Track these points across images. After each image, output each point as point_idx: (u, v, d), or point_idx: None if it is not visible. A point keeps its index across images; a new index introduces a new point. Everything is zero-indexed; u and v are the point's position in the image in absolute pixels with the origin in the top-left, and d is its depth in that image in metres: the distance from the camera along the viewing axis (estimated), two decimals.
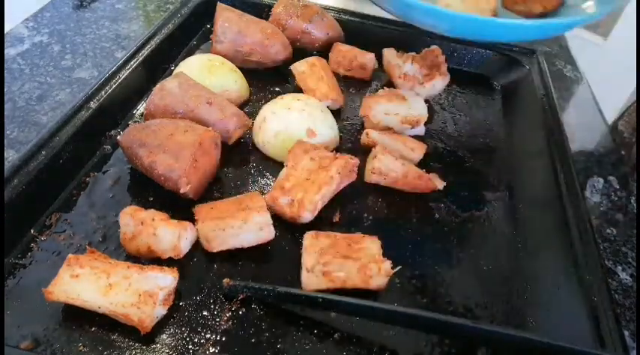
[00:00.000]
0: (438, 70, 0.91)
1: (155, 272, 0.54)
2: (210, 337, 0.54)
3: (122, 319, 0.52)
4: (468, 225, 0.71)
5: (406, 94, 0.85)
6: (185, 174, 0.63)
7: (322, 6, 1.01)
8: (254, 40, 0.89)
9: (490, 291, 0.64)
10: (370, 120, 0.83)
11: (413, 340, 0.57)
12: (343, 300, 0.54)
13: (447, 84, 0.93)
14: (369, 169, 0.74)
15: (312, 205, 0.65)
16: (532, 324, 0.61)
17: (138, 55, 0.83)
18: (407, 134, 0.84)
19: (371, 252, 0.61)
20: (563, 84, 1.08)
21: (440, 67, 0.91)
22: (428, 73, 0.91)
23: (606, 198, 0.82)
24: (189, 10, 0.98)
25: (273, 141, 0.76)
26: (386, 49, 0.96)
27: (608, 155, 0.92)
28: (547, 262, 0.66)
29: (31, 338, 0.51)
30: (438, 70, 0.91)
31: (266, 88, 0.92)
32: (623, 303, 0.66)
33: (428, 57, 0.92)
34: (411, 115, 0.82)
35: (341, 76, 0.97)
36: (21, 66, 0.88)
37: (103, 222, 0.64)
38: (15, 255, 0.58)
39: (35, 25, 0.99)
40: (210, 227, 0.60)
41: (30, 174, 0.61)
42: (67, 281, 0.52)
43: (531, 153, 0.81)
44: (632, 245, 0.74)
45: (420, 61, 0.92)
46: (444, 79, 0.92)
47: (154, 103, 0.72)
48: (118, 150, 0.73)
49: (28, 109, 0.79)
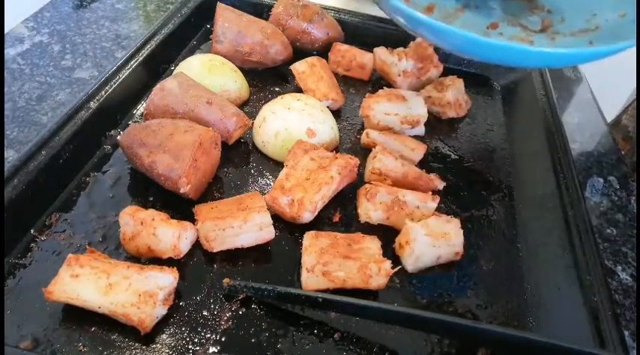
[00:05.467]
0: (431, 62, 0.92)
1: (155, 272, 0.54)
2: (210, 337, 0.54)
3: (122, 319, 0.52)
4: (467, 225, 0.71)
5: (406, 94, 0.85)
6: (185, 174, 0.63)
7: (322, 6, 1.01)
8: (254, 40, 0.89)
9: (490, 291, 0.64)
10: (370, 120, 0.83)
11: (413, 340, 0.57)
12: (343, 300, 0.54)
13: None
14: (369, 169, 0.74)
15: (312, 205, 0.65)
16: (532, 324, 0.61)
17: (138, 55, 0.83)
18: (407, 134, 0.84)
19: (371, 252, 0.61)
20: (563, 84, 1.09)
21: (431, 58, 0.92)
22: (421, 66, 0.92)
23: (606, 198, 0.82)
24: (189, 10, 0.98)
25: (273, 141, 0.76)
26: (377, 49, 0.96)
27: (608, 155, 0.92)
28: (547, 262, 0.66)
29: (31, 338, 0.51)
30: (431, 62, 0.92)
31: (266, 87, 0.92)
32: (623, 303, 0.66)
33: (418, 50, 0.92)
34: (411, 115, 0.82)
35: (340, 76, 0.97)
36: (21, 66, 0.88)
37: (103, 222, 0.64)
38: (15, 255, 0.58)
39: (35, 25, 0.99)
40: (210, 227, 0.60)
41: (30, 174, 0.61)
42: (67, 281, 0.52)
43: (531, 153, 0.81)
44: (632, 245, 0.74)
45: (413, 55, 0.92)
46: (438, 70, 0.93)
47: (154, 103, 0.72)
48: (118, 150, 0.73)
49: (28, 109, 0.80)
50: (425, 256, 0.63)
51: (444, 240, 0.64)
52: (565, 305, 0.60)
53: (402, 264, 0.64)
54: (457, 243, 0.65)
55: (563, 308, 0.60)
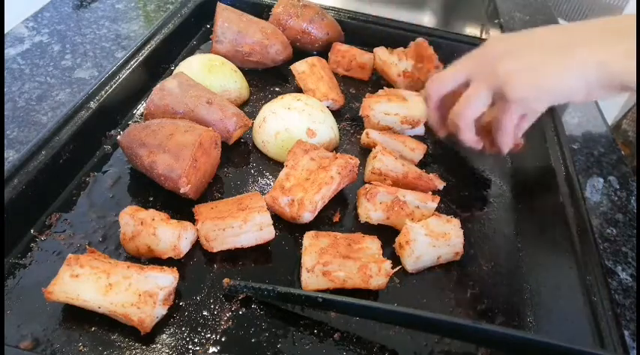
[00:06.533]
0: (431, 62, 0.91)
1: (155, 272, 0.54)
2: (210, 337, 0.54)
3: (122, 319, 0.52)
4: (468, 224, 0.71)
5: (406, 94, 0.85)
6: (185, 174, 0.63)
7: (322, 6, 1.01)
8: (254, 40, 0.89)
9: (490, 291, 0.64)
10: (370, 120, 0.83)
11: (413, 340, 0.57)
12: (343, 300, 0.54)
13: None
14: (369, 169, 0.74)
15: (312, 205, 0.65)
16: (532, 324, 0.61)
17: (138, 55, 0.83)
18: (407, 134, 0.84)
19: (371, 252, 0.61)
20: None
21: (431, 58, 0.92)
22: (421, 66, 0.92)
23: (606, 198, 0.82)
24: (189, 10, 0.98)
25: (273, 141, 0.76)
26: (377, 49, 0.96)
27: (608, 155, 0.92)
28: (547, 262, 0.66)
29: (31, 338, 0.51)
30: (431, 62, 0.91)
31: (266, 87, 0.92)
32: (623, 303, 0.66)
33: (418, 50, 0.92)
34: (411, 115, 0.82)
35: (340, 76, 0.97)
36: (21, 66, 0.88)
37: (103, 222, 0.64)
38: (15, 255, 0.58)
39: (35, 25, 0.99)
40: (210, 227, 0.60)
41: (30, 174, 0.61)
42: (67, 281, 0.52)
43: (531, 153, 0.81)
44: (632, 245, 0.74)
45: (413, 55, 0.92)
46: (438, 70, 0.92)
47: (154, 103, 0.72)
48: (118, 150, 0.73)
49: (28, 109, 0.80)
50: (425, 256, 0.63)
51: (444, 240, 0.64)
52: (565, 305, 0.60)
53: (402, 264, 0.64)
54: (457, 243, 0.65)
55: (563, 308, 0.60)
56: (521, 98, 0.58)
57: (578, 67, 0.55)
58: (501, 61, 0.59)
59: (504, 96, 0.59)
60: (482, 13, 1.35)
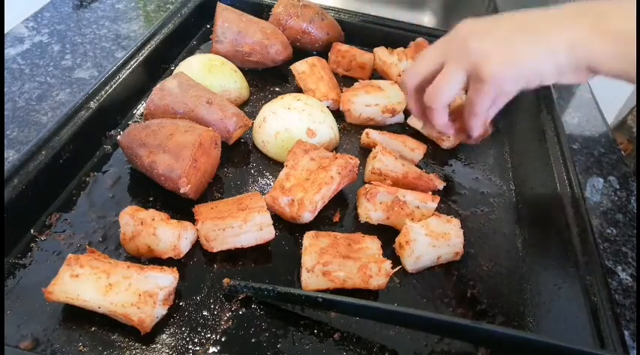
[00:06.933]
0: None
1: (155, 272, 0.54)
2: (210, 337, 0.54)
3: (122, 319, 0.52)
4: (468, 224, 0.71)
5: (381, 84, 0.86)
6: (185, 174, 0.63)
7: (322, 6, 1.01)
8: (254, 40, 0.89)
9: (490, 291, 0.64)
10: (352, 113, 0.84)
11: (413, 340, 0.57)
12: (343, 300, 0.53)
13: None
14: (369, 169, 0.74)
15: (312, 205, 0.65)
16: (532, 324, 0.61)
17: (138, 55, 0.83)
18: (387, 123, 0.85)
19: (371, 252, 0.61)
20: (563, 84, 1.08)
21: None
22: None
23: (606, 198, 0.82)
24: (189, 10, 0.98)
25: (273, 141, 0.76)
26: (377, 49, 0.96)
27: (608, 155, 0.92)
28: (547, 262, 0.66)
29: (31, 338, 0.51)
30: None
31: (266, 87, 0.92)
32: (623, 303, 0.66)
33: (418, 50, 0.93)
34: (391, 104, 0.84)
35: (340, 76, 0.97)
36: (21, 66, 0.88)
37: (103, 222, 0.64)
38: (15, 255, 0.58)
39: (35, 25, 0.99)
40: (210, 227, 0.60)
41: (30, 174, 0.61)
42: (67, 281, 0.52)
43: (531, 153, 0.81)
44: (632, 245, 0.74)
45: (413, 55, 0.93)
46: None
47: (154, 103, 0.72)
48: (118, 150, 0.73)
49: (28, 109, 0.80)
50: (425, 256, 0.63)
51: (444, 240, 0.64)
52: (565, 305, 0.60)
53: (402, 264, 0.64)
54: (457, 243, 0.65)
55: (563, 308, 0.60)
56: (496, 75, 0.57)
57: (547, 43, 0.56)
58: (474, 40, 0.58)
59: (478, 75, 0.58)
60: (482, 13, 1.35)
